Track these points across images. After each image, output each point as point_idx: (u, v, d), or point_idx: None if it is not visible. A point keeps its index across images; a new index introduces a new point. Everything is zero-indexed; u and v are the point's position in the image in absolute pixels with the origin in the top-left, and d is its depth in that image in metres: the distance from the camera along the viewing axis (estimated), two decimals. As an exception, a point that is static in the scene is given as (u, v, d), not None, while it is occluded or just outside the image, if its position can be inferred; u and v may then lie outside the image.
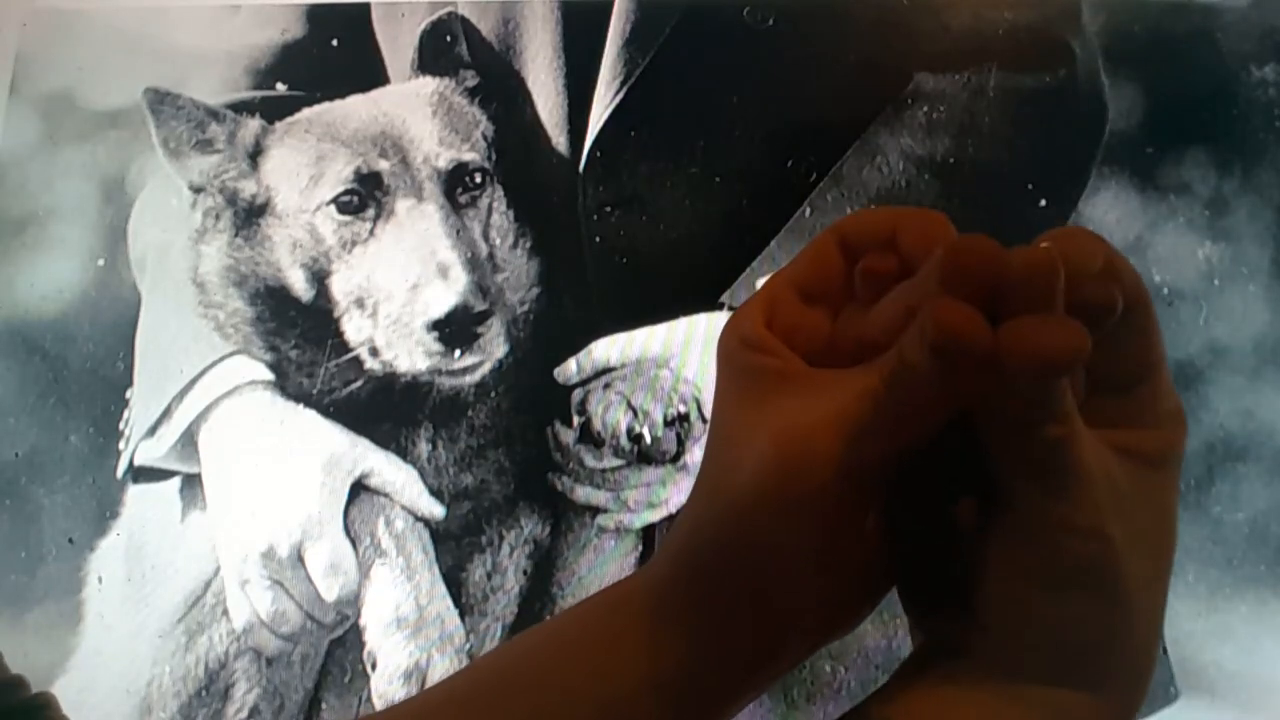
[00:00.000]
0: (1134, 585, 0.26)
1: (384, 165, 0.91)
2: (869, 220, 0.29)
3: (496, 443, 0.90)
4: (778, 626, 0.29)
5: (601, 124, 0.93)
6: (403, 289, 0.89)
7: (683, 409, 0.88)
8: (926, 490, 0.29)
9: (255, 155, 0.93)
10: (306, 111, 0.95)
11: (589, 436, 0.89)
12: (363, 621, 0.87)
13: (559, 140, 0.94)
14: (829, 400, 0.27)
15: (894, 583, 0.30)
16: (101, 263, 0.96)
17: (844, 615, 0.30)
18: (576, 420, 0.89)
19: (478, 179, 0.92)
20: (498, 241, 0.92)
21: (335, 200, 0.91)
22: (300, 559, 0.88)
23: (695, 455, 0.88)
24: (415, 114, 0.93)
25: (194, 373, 0.92)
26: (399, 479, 0.89)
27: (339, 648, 0.87)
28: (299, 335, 0.92)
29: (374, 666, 0.86)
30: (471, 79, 0.95)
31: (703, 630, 0.29)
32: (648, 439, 0.88)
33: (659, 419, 0.88)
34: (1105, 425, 0.27)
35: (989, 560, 0.27)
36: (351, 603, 0.87)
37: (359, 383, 0.91)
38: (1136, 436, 0.27)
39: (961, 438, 0.27)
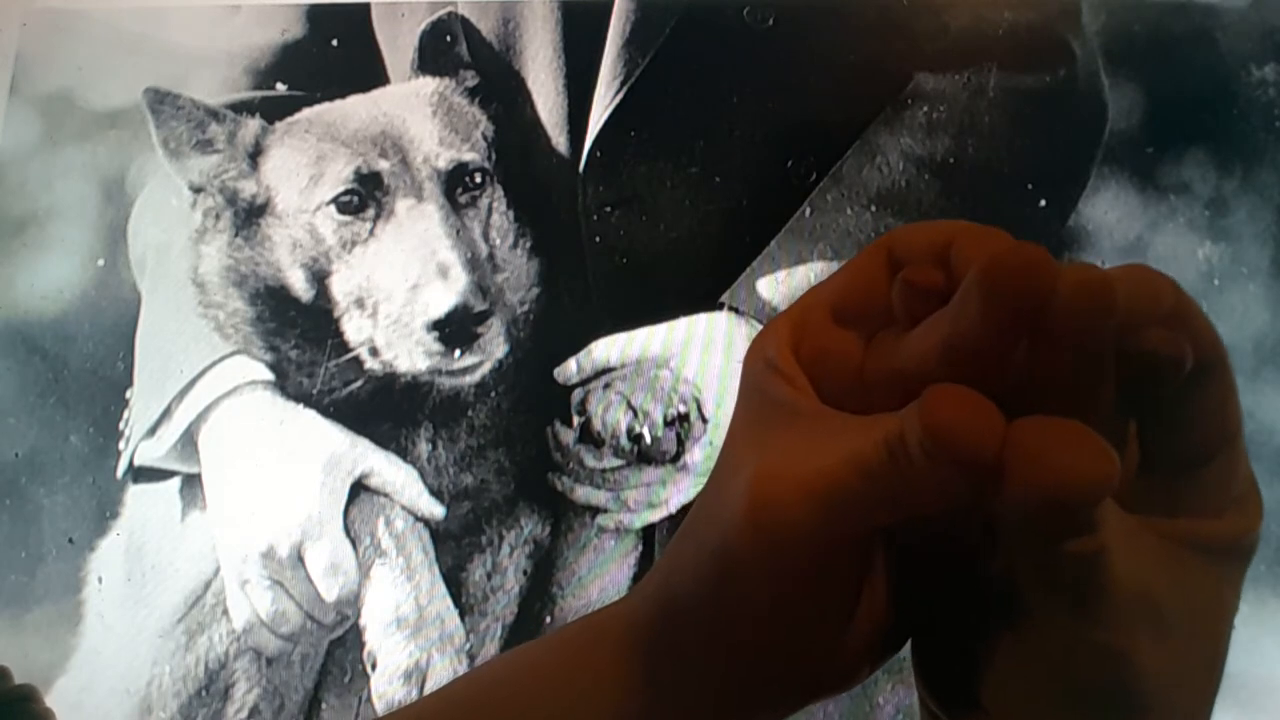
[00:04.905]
0: (1166, 708, 0.23)
1: (384, 165, 0.91)
2: (922, 232, 0.25)
3: (496, 443, 0.90)
4: (754, 680, 0.26)
5: (601, 124, 0.93)
6: (403, 289, 0.89)
7: (683, 409, 0.88)
8: (947, 554, 0.25)
9: (255, 155, 0.93)
10: (306, 111, 0.95)
11: (589, 436, 0.88)
12: (363, 621, 0.87)
13: (559, 140, 0.94)
14: (820, 455, 0.23)
15: (901, 645, 0.27)
16: (101, 263, 0.96)
17: (835, 675, 0.27)
18: (576, 420, 0.89)
19: (478, 179, 0.92)
20: (498, 241, 0.92)
21: (335, 200, 0.91)
22: (300, 559, 0.88)
23: (695, 455, 0.88)
24: (415, 114, 0.93)
25: (194, 373, 0.92)
26: (399, 479, 0.89)
27: (339, 648, 0.87)
28: (299, 335, 0.92)
29: (374, 666, 0.86)
30: (471, 79, 0.95)
31: (675, 676, 0.27)
32: (648, 439, 0.88)
33: (659, 419, 0.88)
34: (1160, 511, 0.23)
35: (1005, 658, 0.24)
36: (351, 603, 0.87)
37: (359, 383, 0.91)
38: (1196, 527, 0.23)
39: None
